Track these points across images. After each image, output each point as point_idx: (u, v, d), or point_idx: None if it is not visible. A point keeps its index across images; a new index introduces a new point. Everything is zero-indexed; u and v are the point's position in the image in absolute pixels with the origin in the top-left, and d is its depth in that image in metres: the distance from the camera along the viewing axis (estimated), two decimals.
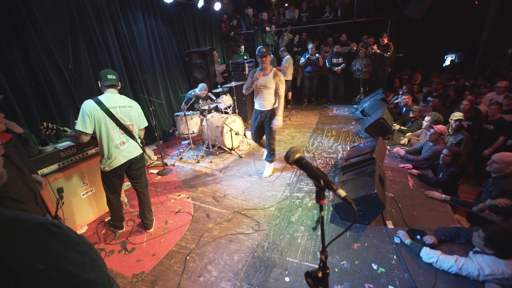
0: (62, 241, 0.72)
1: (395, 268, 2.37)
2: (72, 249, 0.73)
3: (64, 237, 0.74)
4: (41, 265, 0.66)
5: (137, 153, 2.79)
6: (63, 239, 0.73)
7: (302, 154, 1.09)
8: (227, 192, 3.85)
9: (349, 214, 2.98)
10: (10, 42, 3.53)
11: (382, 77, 7.49)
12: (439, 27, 8.68)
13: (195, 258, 2.68)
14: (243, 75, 6.47)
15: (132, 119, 2.69)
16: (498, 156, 2.75)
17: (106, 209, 3.48)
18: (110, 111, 2.52)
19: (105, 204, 3.43)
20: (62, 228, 0.75)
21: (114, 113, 2.54)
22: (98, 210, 3.44)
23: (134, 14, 5.53)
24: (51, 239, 0.70)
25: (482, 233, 2.10)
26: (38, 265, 0.65)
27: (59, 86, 4.10)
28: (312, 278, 1.10)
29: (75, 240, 0.76)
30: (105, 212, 3.49)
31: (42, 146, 2.90)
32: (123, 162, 2.69)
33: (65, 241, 0.73)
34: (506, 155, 2.72)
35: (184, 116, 4.85)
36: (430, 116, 4.27)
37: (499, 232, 2.03)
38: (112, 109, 2.53)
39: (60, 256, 0.70)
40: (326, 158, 4.67)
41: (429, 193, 3.30)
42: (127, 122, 2.65)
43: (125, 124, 2.64)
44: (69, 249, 0.72)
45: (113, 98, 2.58)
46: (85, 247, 0.77)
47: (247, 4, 9.33)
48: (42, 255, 0.67)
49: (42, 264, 0.66)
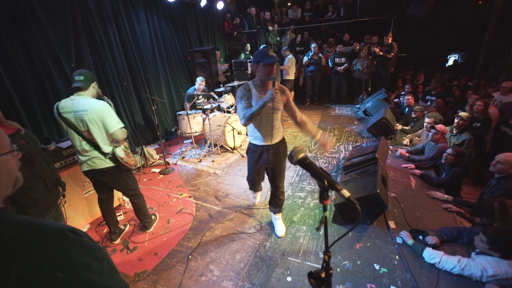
0: (80, 248, 0.70)
1: (397, 268, 2.36)
2: (90, 256, 0.71)
3: (82, 243, 0.71)
4: (60, 273, 0.64)
5: (102, 165, 2.49)
6: (81, 245, 0.70)
7: (305, 153, 1.08)
8: (229, 191, 3.85)
9: (351, 214, 2.97)
10: (13, 41, 3.54)
11: (385, 77, 7.46)
12: (442, 27, 8.65)
13: (197, 257, 2.68)
14: (245, 74, 6.47)
15: (88, 124, 2.33)
16: (502, 157, 2.74)
17: None
18: (64, 116, 2.32)
19: None
20: (79, 234, 0.73)
21: (69, 118, 2.32)
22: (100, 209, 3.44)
23: (137, 13, 5.53)
24: (70, 245, 0.68)
25: (484, 237, 2.09)
26: (58, 273, 0.63)
27: (61, 85, 4.11)
28: (315, 279, 1.09)
29: (93, 246, 0.73)
30: None
31: (45, 145, 2.90)
32: (86, 170, 2.51)
33: (83, 247, 0.71)
34: (510, 155, 2.71)
35: (186, 115, 4.85)
36: (431, 116, 4.26)
37: (501, 234, 2.02)
38: (65, 113, 2.31)
39: (79, 263, 0.67)
40: (328, 158, 4.66)
41: (432, 193, 3.28)
42: (81, 128, 2.36)
43: (81, 130, 2.37)
44: (87, 256, 0.70)
45: (71, 102, 2.33)
46: (102, 253, 0.75)
47: (249, 3, 9.32)
48: (61, 262, 0.65)
49: (61, 272, 0.64)
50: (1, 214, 0.68)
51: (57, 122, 4.04)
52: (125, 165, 2.56)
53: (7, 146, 0.75)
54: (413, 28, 8.05)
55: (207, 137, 5.19)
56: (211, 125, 4.99)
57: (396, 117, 5.67)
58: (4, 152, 0.74)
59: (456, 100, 5.93)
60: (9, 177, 0.75)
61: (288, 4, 9.61)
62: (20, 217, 0.69)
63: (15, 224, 0.67)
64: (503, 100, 4.80)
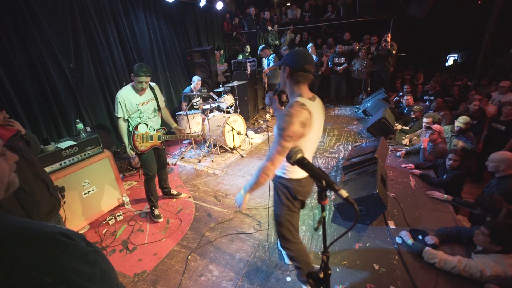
0: (71, 252, 0.68)
1: (397, 268, 2.36)
2: (81, 260, 0.68)
3: (73, 247, 0.69)
4: (49, 279, 0.61)
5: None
6: (71, 250, 0.68)
7: (303, 154, 1.08)
8: (229, 191, 3.85)
9: (351, 214, 2.97)
10: (12, 41, 3.54)
11: (384, 77, 7.46)
12: (442, 26, 8.64)
13: (197, 258, 2.68)
14: (245, 74, 6.46)
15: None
16: (493, 156, 2.77)
17: (107, 208, 3.50)
18: None
19: (107, 204, 3.48)
20: (70, 237, 0.71)
21: None
22: (99, 210, 3.44)
23: (136, 13, 5.53)
24: (59, 250, 0.66)
25: (485, 230, 2.09)
26: (46, 279, 0.61)
27: (60, 85, 4.11)
28: (314, 279, 1.09)
29: (85, 250, 0.71)
30: (107, 211, 3.50)
31: (44, 145, 2.90)
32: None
33: (74, 251, 0.69)
34: (500, 153, 2.73)
35: (185, 115, 4.84)
36: (429, 116, 4.26)
37: (503, 226, 2.03)
38: None
39: (68, 268, 0.65)
40: (328, 158, 4.66)
41: (431, 193, 3.28)
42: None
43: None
44: (78, 260, 0.68)
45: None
46: (94, 256, 0.73)
47: (249, 3, 9.32)
48: (50, 267, 0.63)
49: (50, 278, 0.62)
50: None
51: (56, 122, 4.09)
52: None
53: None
54: (412, 28, 8.05)
55: (206, 138, 5.19)
56: (211, 125, 4.99)
57: (395, 117, 5.67)
58: None
59: (455, 100, 5.93)
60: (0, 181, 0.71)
61: (288, 4, 9.61)
62: (10, 219, 0.67)
63: (5, 229, 0.64)
64: (501, 99, 4.82)
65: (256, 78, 6.97)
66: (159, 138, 3.16)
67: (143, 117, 3.03)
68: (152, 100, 3.10)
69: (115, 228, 3.24)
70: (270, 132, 6.09)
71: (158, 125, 3.20)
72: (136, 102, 2.92)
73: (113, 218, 3.35)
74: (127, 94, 2.88)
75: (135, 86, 2.91)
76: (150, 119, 3.11)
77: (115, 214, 3.38)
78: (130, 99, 2.89)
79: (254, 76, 6.87)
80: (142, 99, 2.99)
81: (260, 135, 5.94)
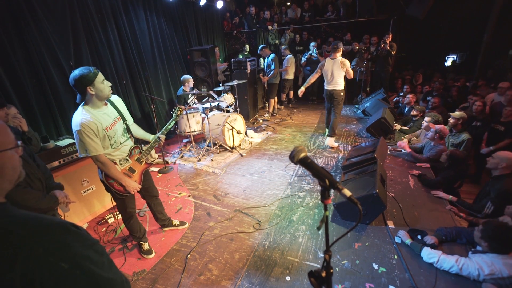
0: (82, 241, 0.73)
1: (396, 268, 2.37)
2: (92, 249, 0.74)
3: (83, 236, 0.75)
4: (65, 264, 0.66)
5: None
6: (82, 238, 0.73)
7: (307, 153, 1.08)
8: (228, 190, 3.85)
9: (351, 213, 2.98)
10: (12, 39, 3.51)
11: (384, 77, 7.47)
12: (441, 27, 8.66)
13: (196, 257, 2.68)
14: (244, 73, 6.46)
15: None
16: (498, 153, 2.81)
17: (106, 207, 3.49)
18: None
19: (105, 202, 3.46)
20: (79, 228, 0.76)
21: None
22: (98, 208, 3.43)
23: (136, 12, 5.51)
24: (72, 238, 0.71)
25: (481, 226, 2.15)
26: (62, 264, 0.66)
27: (60, 84, 4.08)
28: (316, 278, 1.09)
29: (93, 240, 0.77)
30: (106, 210, 3.49)
31: (43, 143, 2.89)
32: None
33: (84, 240, 0.74)
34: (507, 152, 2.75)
35: (185, 114, 4.84)
36: (429, 116, 4.27)
37: (497, 226, 2.07)
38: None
39: (82, 255, 0.70)
40: (327, 158, 4.67)
41: (436, 193, 3.29)
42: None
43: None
44: (89, 249, 0.73)
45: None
46: (101, 247, 0.79)
47: (249, 2, 9.31)
48: (65, 254, 0.68)
49: (66, 263, 0.66)
50: (4, 208, 0.71)
51: (55, 120, 4.07)
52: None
53: (12, 141, 0.78)
54: (412, 28, 8.06)
55: (206, 136, 5.18)
56: (210, 124, 4.98)
57: (395, 117, 5.68)
58: (10, 147, 0.77)
59: (454, 101, 5.94)
60: (13, 172, 0.78)
61: (288, 4, 9.60)
62: (23, 211, 0.71)
63: (18, 218, 0.69)
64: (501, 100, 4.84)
65: (256, 77, 6.98)
66: (139, 160, 2.49)
67: (114, 144, 2.25)
68: (118, 119, 2.27)
69: (114, 226, 3.24)
70: (269, 131, 6.10)
71: (127, 151, 2.41)
72: (103, 127, 2.10)
73: (112, 216, 3.34)
74: (89, 118, 2.01)
75: (94, 101, 2.05)
76: (123, 144, 2.33)
77: (114, 213, 3.37)
78: (96, 123, 2.04)
79: (254, 75, 6.88)
80: (107, 120, 2.15)
81: (259, 134, 5.94)
